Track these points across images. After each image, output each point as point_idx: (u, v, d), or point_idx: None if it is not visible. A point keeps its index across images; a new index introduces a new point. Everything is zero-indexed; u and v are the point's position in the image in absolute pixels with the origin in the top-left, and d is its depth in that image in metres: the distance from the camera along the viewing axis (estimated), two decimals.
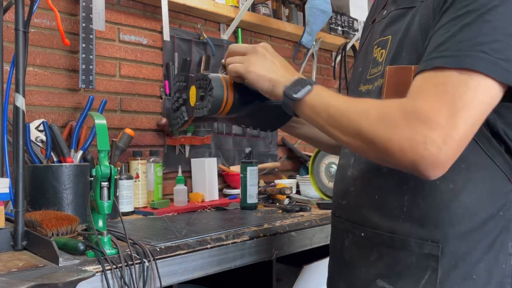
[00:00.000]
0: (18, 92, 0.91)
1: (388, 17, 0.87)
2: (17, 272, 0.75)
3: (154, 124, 1.75)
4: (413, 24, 0.79)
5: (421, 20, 0.77)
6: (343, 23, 2.48)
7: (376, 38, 0.89)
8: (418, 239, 0.78)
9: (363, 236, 0.86)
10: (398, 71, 0.80)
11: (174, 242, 0.94)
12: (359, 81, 0.93)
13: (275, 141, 2.19)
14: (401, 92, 0.76)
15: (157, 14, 1.75)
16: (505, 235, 0.77)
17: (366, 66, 0.91)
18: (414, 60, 0.77)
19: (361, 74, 0.93)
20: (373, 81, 0.87)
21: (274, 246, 1.12)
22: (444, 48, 0.69)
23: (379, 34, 0.89)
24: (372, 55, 0.89)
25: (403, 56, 0.80)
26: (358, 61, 0.97)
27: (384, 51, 0.85)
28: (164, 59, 1.78)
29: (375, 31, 0.92)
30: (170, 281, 0.91)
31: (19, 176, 0.91)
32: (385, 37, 0.86)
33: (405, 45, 0.80)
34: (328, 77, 2.53)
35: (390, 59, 0.82)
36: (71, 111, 1.54)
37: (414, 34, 0.79)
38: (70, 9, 1.54)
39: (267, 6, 2.08)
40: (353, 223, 0.89)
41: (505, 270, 0.77)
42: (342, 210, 0.93)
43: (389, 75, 0.81)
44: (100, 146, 0.87)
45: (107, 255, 0.82)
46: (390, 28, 0.85)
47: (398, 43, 0.81)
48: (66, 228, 0.95)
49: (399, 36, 0.81)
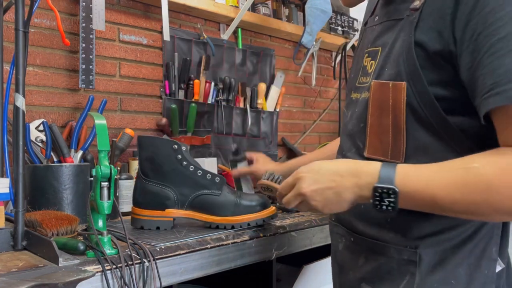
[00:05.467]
0: (18, 92, 0.91)
1: (381, 26, 0.87)
2: (17, 272, 0.75)
3: (154, 124, 1.75)
4: (397, 39, 0.79)
5: (404, 36, 0.77)
6: (343, 23, 2.48)
7: (367, 47, 0.89)
8: (397, 245, 0.80)
9: (353, 241, 0.89)
10: (380, 86, 0.80)
11: (174, 242, 0.94)
12: (350, 87, 0.94)
13: (275, 141, 2.19)
14: (382, 108, 0.79)
15: (157, 14, 1.75)
16: (487, 240, 0.78)
17: (356, 73, 0.92)
18: (393, 75, 0.78)
19: (352, 80, 0.94)
20: (361, 91, 0.87)
21: (274, 246, 1.12)
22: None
23: (370, 42, 0.88)
24: (363, 63, 0.89)
25: (386, 70, 0.80)
26: (353, 65, 0.98)
27: (374, 62, 0.85)
28: (164, 59, 1.78)
29: (366, 37, 0.92)
30: (170, 281, 0.91)
31: (19, 176, 0.91)
32: (376, 47, 0.86)
33: (389, 60, 0.80)
34: (328, 77, 2.53)
35: (377, 73, 0.82)
36: (71, 111, 1.54)
37: (397, 50, 0.78)
38: (70, 9, 1.54)
39: (267, 6, 2.08)
40: (345, 228, 0.91)
41: (488, 276, 0.78)
42: (336, 215, 0.96)
43: (373, 89, 0.81)
44: (100, 146, 0.87)
45: (107, 255, 0.82)
46: (380, 38, 0.85)
47: (384, 57, 0.82)
48: (66, 228, 0.95)
49: (386, 50, 0.82)
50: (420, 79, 0.75)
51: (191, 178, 1.06)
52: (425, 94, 0.75)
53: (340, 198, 0.76)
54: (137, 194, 1.09)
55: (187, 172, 1.06)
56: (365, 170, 0.74)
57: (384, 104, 0.79)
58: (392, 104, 0.78)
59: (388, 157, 0.80)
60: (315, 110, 2.48)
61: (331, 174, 0.76)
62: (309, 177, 0.78)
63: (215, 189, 1.07)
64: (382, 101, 0.79)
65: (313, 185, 0.77)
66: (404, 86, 0.76)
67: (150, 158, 1.08)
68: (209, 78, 1.90)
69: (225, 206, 1.07)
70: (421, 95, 0.75)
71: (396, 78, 0.77)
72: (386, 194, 0.70)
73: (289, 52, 2.31)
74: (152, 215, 1.07)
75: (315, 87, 2.45)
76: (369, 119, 0.83)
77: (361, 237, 0.86)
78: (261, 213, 1.08)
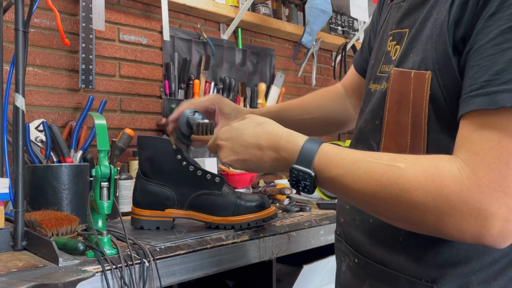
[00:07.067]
0: (18, 92, 0.91)
1: (409, 2, 0.72)
2: (17, 272, 0.75)
3: (154, 124, 1.75)
4: (429, 18, 0.66)
5: (438, 14, 0.64)
6: (343, 23, 2.48)
7: (392, 28, 0.75)
8: (410, 276, 0.67)
9: (357, 262, 0.77)
10: (400, 75, 0.68)
11: (174, 242, 0.94)
12: (369, 76, 0.81)
13: None
14: (401, 103, 0.67)
15: (157, 14, 1.74)
16: None
17: (378, 59, 0.78)
18: (417, 63, 0.66)
19: (372, 68, 0.81)
20: (381, 81, 0.75)
21: (274, 246, 1.12)
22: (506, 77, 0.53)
23: (396, 23, 0.74)
24: (386, 48, 0.76)
25: (410, 56, 0.68)
26: (374, 50, 0.83)
27: (399, 47, 0.71)
28: (164, 59, 1.78)
29: (392, 16, 0.78)
30: (170, 281, 0.91)
31: (18, 176, 0.90)
32: (402, 29, 0.72)
33: (415, 44, 0.67)
34: (328, 77, 2.53)
35: (399, 59, 0.70)
36: (71, 111, 1.54)
37: (427, 32, 0.65)
38: (70, 9, 1.54)
39: (267, 6, 2.08)
40: (348, 246, 0.80)
41: None
42: (340, 228, 0.85)
43: (393, 79, 0.69)
44: (100, 146, 0.87)
45: (107, 255, 0.82)
46: (408, 18, 0.71)
47: (409, 40, 0.69)
48: (66, 228, 0.95)
49: (412, 31, 0.69)
50: (450, 70, 0.61)
51: (191, 178, 1.06)
52: (455, 89, 0.60)
53: (259, 167, 0.74)
54: (137, 194, 1.09)
55: (187, 172, 1.06)
56: (285, 147, 0.69)
57: (404, 98, 0.66)
58: (413, 98, 0.65)
59: None
60: None
61: (250, 147, 0.73)
62: (227, 146, 0.77)
63: (215, 189, 1.07)
64: (401, 94, 0.67)
65: (231, 155, 0.76)
66: (429, 77, 0.63)
67: (150, 158, 1.07)
68: (209, 78, 1.90)
69: (225, 206, 1.06)
70: (450, 89, 0.61)
71: (420, 67, 0.64)
72: (302, 177, 0.65)
73: (289, 52, 2.31)
74: (152, 215, 1.07)
75: (315, 87, 2.45)
76: (386, 115, 0.70)
77: (366, 259, 0.74)
78: (261, 213, 1.08)
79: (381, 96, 0.72)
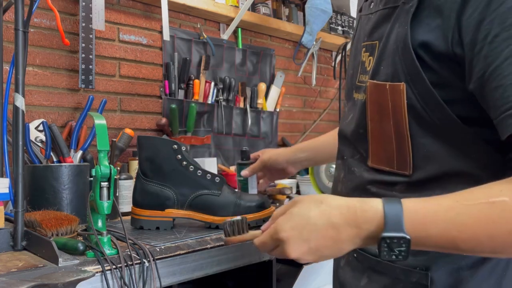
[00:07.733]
0: (18, 92, 0.91)
1: (376, 15, 0.75)
2: (16, 272, 0.75)
3: (154, 124, 1.74)
4: (392, 31, 0.70)
5: (399, 27, 0.68)
6: (343, 23, 2.48)
7: (364, 40, 0.78)
8: (405, 265, 0.70)
9: (355, 257, 0.80)
10: (376, 87, 0.71)
11: (174, 242, 0.94)
12: (351, 86, 0.84)
13: (275, 141, 2.19)
14: (382, 113, 0.70)
15: (157, 14, 1.74)
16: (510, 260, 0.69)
17: (356, 69, 0.81)
18: (390, 75, 0.69)
19: (351, 77, 0.84)
20: (360, 91, 0.78)
21: None
22: None
23: (367, 35, 0.77)
24: (361, 58, 0.79)
25: (381, 69, 0.71)
26: (350, 60, 0.87)
27: (372, 58, 0.74)
28: (164, 59, 1.78)
29: (362, 27, 0.81)
30: (170, 281, 0.91)
31: (18, 176, 0.90)
32: (373, 41, 0.75)
33: (384, 57, 0.71)
34: (328, 77, 2.53)
35: (373, 72, 0.73)
36: (70, 111, 1.54)
37: (391, 45, 0.69)
38: (70, 9, 1.54)
39: (267, 6, 2.08)
40: None
41: None
42: None
43: (370, 91, 0.73)
44: (100, 146, 0.87)
45: (106, 255, 0.82)
46: (377, 30, 0.74)
47: (380, 53, 0.72)
48: (65, 228, 0.95)
49: (381, 44, 0.72)
50: (421, 80, 0.65)
51: (191, 178, 1.06)
52: (429, 96, 0.65)
53: (338, 250, 0.65)
54: (137, 194, 1.09)
55: (187, 172, 1.06)
56: (365, 216, 0.62)
57: (383, 108, 0.70)
58: (392, 108, 0.69)
59: (394, 167, 0.71)
60: (315, 110, 2.48)
61: (322, 229, 0.63)
62: (293, 237, 0.65)
63: (215, 189, 1.07)
64: (380, 105, 0.70)
65: (302, 246, 0.65)
66: (403, 88, 0.66)
67: (150, 158, 1.07)
68: (209, 78, 1.90)
69: (225, 206, 1.06)
70: (424, 96, 0.66)
71: (394, 79, 0.68)
72: (396, 244, 0.59)
73: (289, 52, 2.31)
74: (152, 215, 1.07)
75: (315, 87, 2.45)
76: (369, 124, 0.74)
77: (363, 253, 0.77)
78: (261, 213, 1.08)
79: (362, 106, 0.76)
